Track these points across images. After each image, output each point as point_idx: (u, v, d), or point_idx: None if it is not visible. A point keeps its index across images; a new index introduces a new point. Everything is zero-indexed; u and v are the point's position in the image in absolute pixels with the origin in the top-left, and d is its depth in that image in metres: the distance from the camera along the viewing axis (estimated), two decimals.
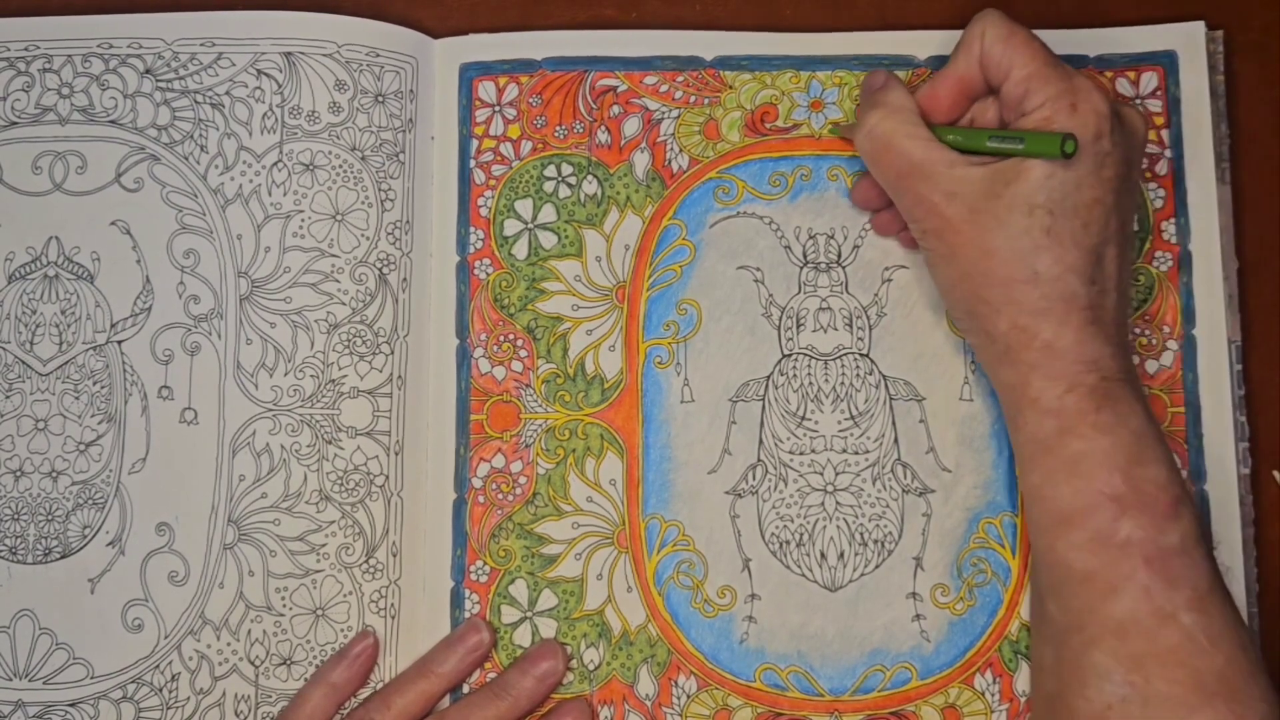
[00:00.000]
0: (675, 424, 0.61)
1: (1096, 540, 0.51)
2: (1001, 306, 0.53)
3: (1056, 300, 0.52)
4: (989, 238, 0.53)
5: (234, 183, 0.62)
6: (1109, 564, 0.51)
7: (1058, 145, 0.51)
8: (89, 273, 0.62)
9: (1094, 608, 0.51)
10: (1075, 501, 0.52)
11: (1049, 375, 0.53)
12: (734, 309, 0.62)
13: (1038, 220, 0.52)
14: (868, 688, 0.59)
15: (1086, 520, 0.52)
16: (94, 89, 0.63)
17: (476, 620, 0.60)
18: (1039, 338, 0.53)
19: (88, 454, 0.61)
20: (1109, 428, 0.52)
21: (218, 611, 0.59)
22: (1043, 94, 0.53)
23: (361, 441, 0.60)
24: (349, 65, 0.63)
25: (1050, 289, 0.52)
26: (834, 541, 0.60)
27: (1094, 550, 0.51)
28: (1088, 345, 0.52)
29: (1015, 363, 0.53)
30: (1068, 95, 0.53)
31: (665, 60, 0.64)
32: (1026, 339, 0.53)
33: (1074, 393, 0.52)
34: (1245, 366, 0.61)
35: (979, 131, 0.55)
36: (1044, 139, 0.52)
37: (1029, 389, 0.53)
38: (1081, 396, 0.52)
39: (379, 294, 0.62)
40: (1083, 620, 0.51)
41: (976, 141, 0.55)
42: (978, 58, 0.56)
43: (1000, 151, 0.53)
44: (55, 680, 0.59)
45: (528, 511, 0.61)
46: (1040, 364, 0.53)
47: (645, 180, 0.63)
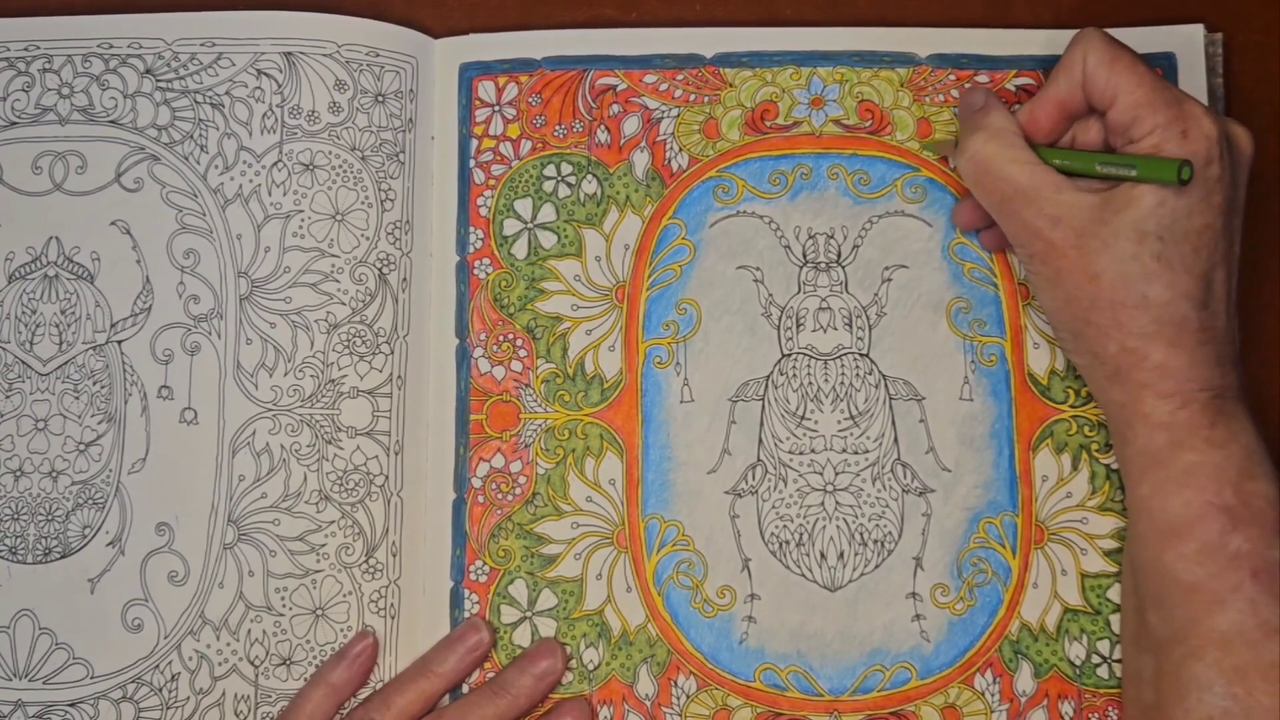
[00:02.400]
0: (675, 424, 0.61)
1: (1205, 552, 0.51)
2: (1110, 330, 0.53)
3: (1168, 324, 0.53)
4: (1096, 262, 0.53)
5: (234, 183, 0.62)
6: (1216, 575, 0.51)
7: (1174, 172, 0.51)
8: (89, 273, 0.62)
9: (1198, 619, 0.51)
10: (1185, 513, 0.52)
11: (1161, 393, 0.53)
12: (734, 308, 0.62)
13: (1148, 247, 0.52)
14: (867, 688, 0.59)
15: (1196, 531, 0.52)
16: (94, 89, 0.63)
17: (476, 620, 0.60)
18: (1150, 359, 0.53)
19: (88, 454, 0.61)
20: (1222, 442, 0.52)
21: (217, 611, 0.59)
22: (1152, 121, 0.53)
23: (361, 441, 0.60)
24: (349, 65, 0.63)
25: (1162, 313, 0.52)
26: (834, 541, 0.60)
27: (1202, 561, 0.51)
28: (1200, 366, 0.53)
29: (1126, 382, 0.54)
30: (1178, 122, 0.53)
31: (665, 59, 0.64)
32: (1137, 360, 0.53)
33: (1188, 408, 0.53)
34: (1244, 370, 0.61)
35: (1088, 155, 0.55)
36: (1159, 165, 0.52)
37: (1141, 405, 0.53)
38: (1195, 412, 0.53)
39: (379, 294, 0.62)
40: (1186, 632, 0.51)
41: (1086, 165, 0.55)
42: (1080, 81, 0.55)
43: (1110, 176, 0.53)
44: (55, 680, 0.59)
45: (527, 511, 0.61)
46: (1153, 383, 0.53)
47: (645, 179, 0.63)
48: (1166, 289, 0.52)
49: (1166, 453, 0.53)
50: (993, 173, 0.56)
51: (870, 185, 0.63)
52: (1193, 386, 0.53)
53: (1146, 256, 0.52)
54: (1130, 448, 0.54)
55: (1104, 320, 0.53)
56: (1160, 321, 0.52)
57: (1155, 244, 0.52)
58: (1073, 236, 0.53)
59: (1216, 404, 0.53)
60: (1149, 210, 0.52)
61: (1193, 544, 0.52)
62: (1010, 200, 0.55)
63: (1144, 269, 0.52)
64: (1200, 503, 0.52)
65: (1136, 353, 0.53)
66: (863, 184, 0.63)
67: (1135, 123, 0.54)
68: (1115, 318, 0.53)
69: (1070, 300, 0.54)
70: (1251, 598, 0.51)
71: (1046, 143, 0.57)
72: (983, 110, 0.58)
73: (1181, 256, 0.52)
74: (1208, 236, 0.53)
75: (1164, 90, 0.54)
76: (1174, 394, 0.53)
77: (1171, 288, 0.52)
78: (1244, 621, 0.50)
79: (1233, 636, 0.50)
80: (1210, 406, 0.53)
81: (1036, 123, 0.57)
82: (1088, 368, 0.56)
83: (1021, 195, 0.55)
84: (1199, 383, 0.53)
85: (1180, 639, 0.52)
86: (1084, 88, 0.55)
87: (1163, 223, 0.52)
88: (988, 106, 0.58)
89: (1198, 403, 0.53)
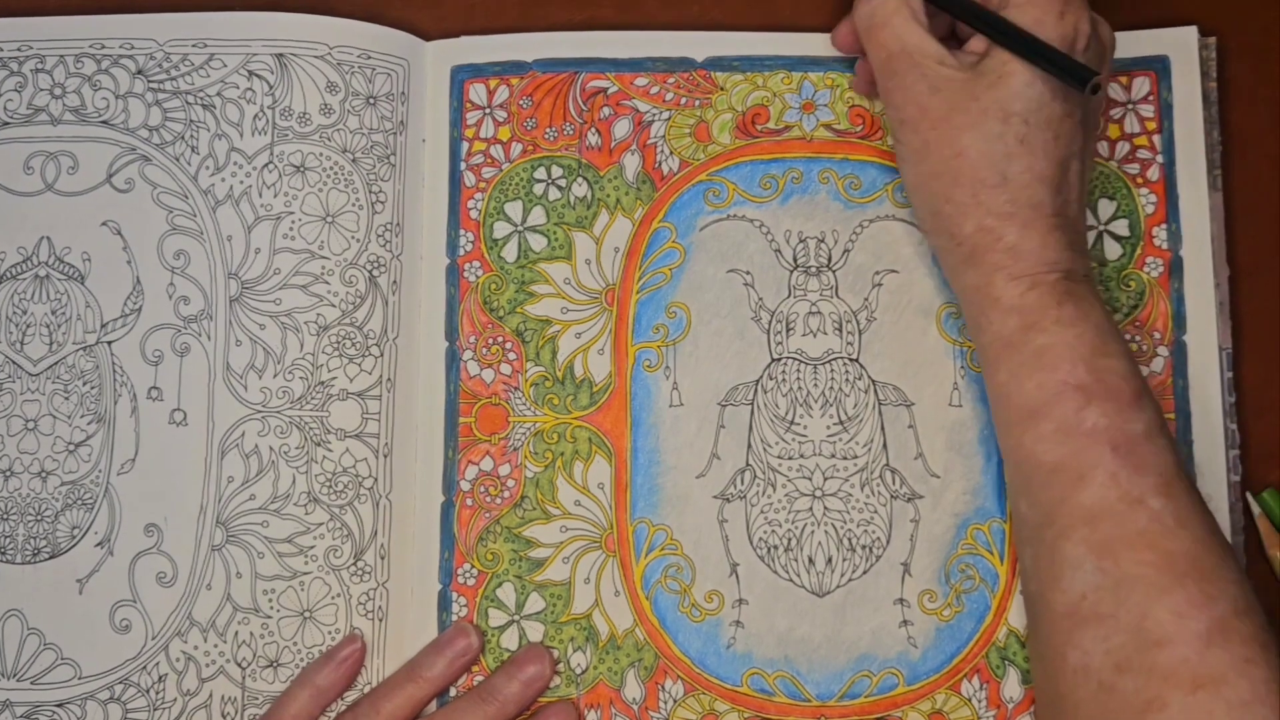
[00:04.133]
0: (664, 428, 0.61)
1: (1063, 430, 0.52)
2: (969, 208, 0.54)
3: (1024, 206, 0.53)
4: (962, 138, 0.54)
5: (225, 184, 0.62)
6: (1076, 453, 0.51)
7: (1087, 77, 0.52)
8: (80, 273, 0.62)
9: (1064, 498, 0.51)
10: (1041, 394, 0.52)
11: (1013, 275, 0.54)
12: (723, 312, 0.62)
13: (1013, 128, 0.53)
14: (854, 693, 0.59)
15: (1053, 411, 0.52)
16: (86, 89, 0.63)
17: (464, 624, 0.60)
18: (1004, 240, 0.54)
19: (77, 454, 0.61)
20: (1072, 321, 0.53)
21: (205, 613, 0.59)
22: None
23: (350, 444, 0.61)
24: (340, 67, 0.63)
25: (1019, 194, 0.53)
26: (822, 547, 0.60)
27: (1061, 440, 0.52)
28: (1051, 249, 0.54)
29: (980, 264, 0.54)
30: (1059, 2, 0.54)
31: (656, 61, 0.64)
32: (991, 240, 0.54)
33: (1036, 290, 0.53)
34: (1236, 374, 0.61)
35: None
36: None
37: (992, 289, 0.54)
38: (1044, 293, 0.53)
39: (369, 296, 0.62)
40: (1053, 513, 0.52)
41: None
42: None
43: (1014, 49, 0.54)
44: (43, 680, 0.59)
45: (516, 515, 0.61)
46: (1005, 265, 0.54)
47: (635, 183, 0.63)
48: (1025, 170, 0.53)
49: (1019, 336, 0.53)
50: (887, 27, 0.56)
51: (861, 190, 0.63)
52: (1042, 269, 0.53)
53: (1010, 137, 0.53)
54: (985, 335, 0.55)
55: (964, 197, 0.54)
56: (1016, 203, 0.53)
57: (1020, 125, 0.53)
58: (944, 108, 0.54)
59: (1064, 285, 0.53)
60: (1017, 91, 0.53)
61: (1050, 424, 0.52)
62: (896, 58, 0.56)
63: (1006, 149, 0.53)
64: (1054, 382, 0.52)
65: (992, 232, 0.54)
66: (854, 188, 0.63)
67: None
68: (975, 195, 0.54)
69: (935, 175, 0.55)
70: (1113, 471, 0.51)
71: None
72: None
73: (1043, 142, 0.54)
74: (1068, 125, 0.54)
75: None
76: (1023, 275, 0.53)
77: (1030, 170, 0.53)
78: (1107, 495, 0.51)
79: (1098, 511, 0.51)
80: (1058, 287, 0.53)
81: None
82: (945, 250, 0.56)
83: (907, 56, 0.55)
84: (1048, 265, 0.53)
85: (1049, 521, 0.52)
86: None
87: (1029, 105, 0.53)
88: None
89: (1045, 284, 0.53)
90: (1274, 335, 0.62)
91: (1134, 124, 0.63)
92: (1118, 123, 0.63)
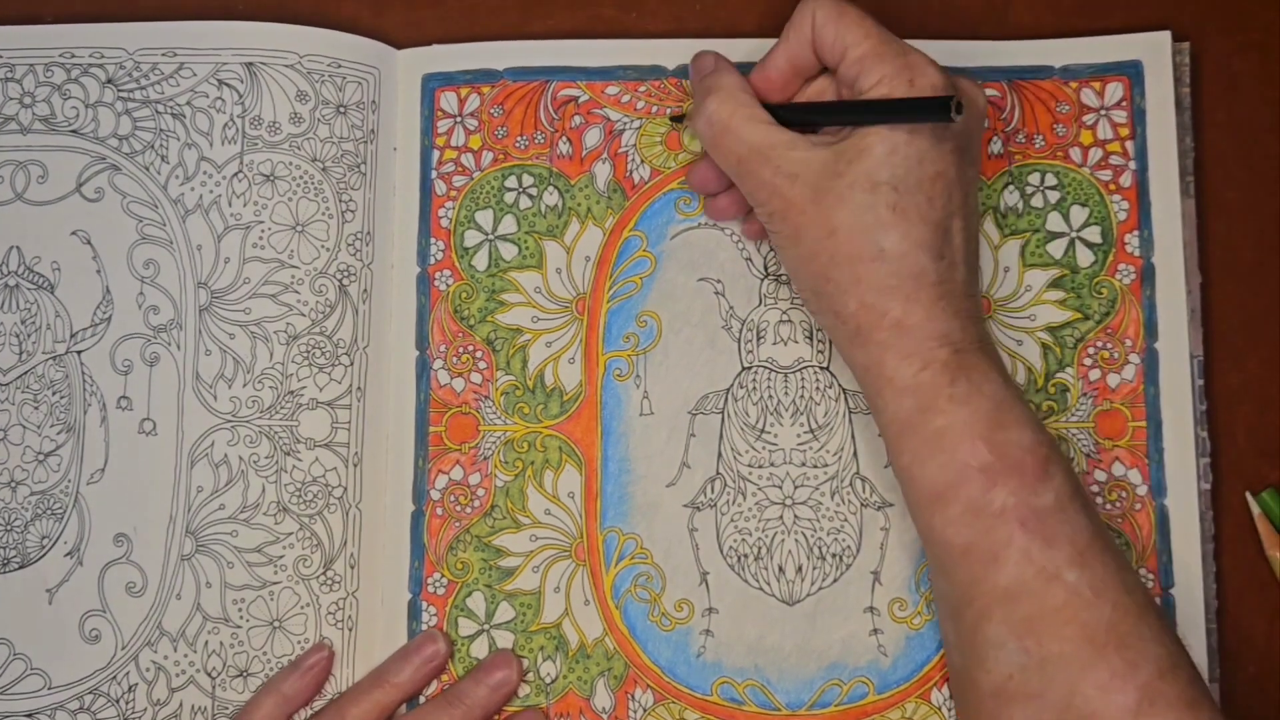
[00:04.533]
0: (634, 436, 0.61)
1: (970, 512, 0.51)
2: (849, 286, 0.53)
3: (906, 277, 0.52)
4: (833, 217, 0.52)
5: (194, 193, 0.62)
6: (985, 533, 0.51)
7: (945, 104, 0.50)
8: (49, 282, 0.62)
9: (979, 579, 0.51)
10: (943, 476, 0.51)
11: (902, 354, 0.52)
12: (694, 321, 0.62)
13: (882, 197, 0.52)
14: (825, 702, 0.59)
15: (958, 493, 0.51)
16: (55, 98, 0.63)
17: (433, 631, 0.60)
18: (888, 316, 0.52)
19: (46, 464, 0.61)
20: (965, 398, 0.52)
21: (175, 623, 0.59)
22: (879, 71, 0.53)
23: (320, 453, 0.60)
24: (311, 76, 0.63)
25: (899, 266, 0.52)
26: (792, 555, 0.60)
27: (970, 522, 0.51)
28: (938, 320, 0.52)
29: (867, 343, 0.53)
30: (905, 72, 0.53)
31: (627, 70, 0.63)
32: (876, 318, 0.52)
33: (929, 369, 0.52)
34: (1207, 381, 0.61)
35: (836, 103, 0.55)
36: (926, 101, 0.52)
37: (884, 369, 0.53)
38: (936, 372, 0.52)
39: (339, 305, 0.61)
40: (971, 593, 0.51)
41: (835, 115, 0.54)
42: (809, 39, 0.55)
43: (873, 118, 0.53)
44: (12, 690, 0.59)
45: (486, 524, 0.61)
46: (892, 343, 0.52)
47: (606, 191, 0.63)
48: (902, 239, 0.52)
49: (917, 418, 0.52)
50: (730, 133, 0.55)
51: None
52: (932, 344, 0.52)
53: (881, 206, 0.52)
54: (883, 416, 0.54)
55: (843, 276, 0.53)
56: (899, 275, 0.52)
57: (889, 193, 0.52)
58: (809, 192, 0.53)
59: (956, 360, 0.52)
60: (881, 159, 0.52)
61: (957, 506, 0.51)
62: (746, 160, 0.55)
63: (879, 219, 0.52)
64: (956, 464, 0.51)
65: (875, 309, 0.52)
66: None
67: (863, 74, 0.53)
68: (854, 272, 0.52)
69: (810, 257, 0.53)
70: (1024, 548, 0.50)
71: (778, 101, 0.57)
72: (714, 73, 0.58)
73: (916, 205, 0.52)
74: (940, 185, 0.52)
75: (891, 43, 0.54)
76: (913, 354, 0.52)
77: (907, 238, 0.52)
78: (1022, 573, 0.50)
79: (1015, 590, 0.50)
80: (950, 363, 0.52)
81: (769, 82, 0.57)
82: (831, 329, 0.55)
83: (757, 154, 0.54)
84: (937, 339, 0.52)
85: (968, 601, 0.51)
86: (813, 44, 0.55)
87: (895, 171, 0.52)
88: (719, 69, 0.58)
89: (938, 362, 0.52)
90: (1245, 342, 0.61)
91: (1107, 130, 0.62)
92: (1090, 129, 0.62)
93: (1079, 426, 0.60)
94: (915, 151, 0.52)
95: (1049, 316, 0.61)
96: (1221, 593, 0.59)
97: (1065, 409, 0.60)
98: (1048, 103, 0.63)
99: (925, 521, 0.53)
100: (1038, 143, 0.62)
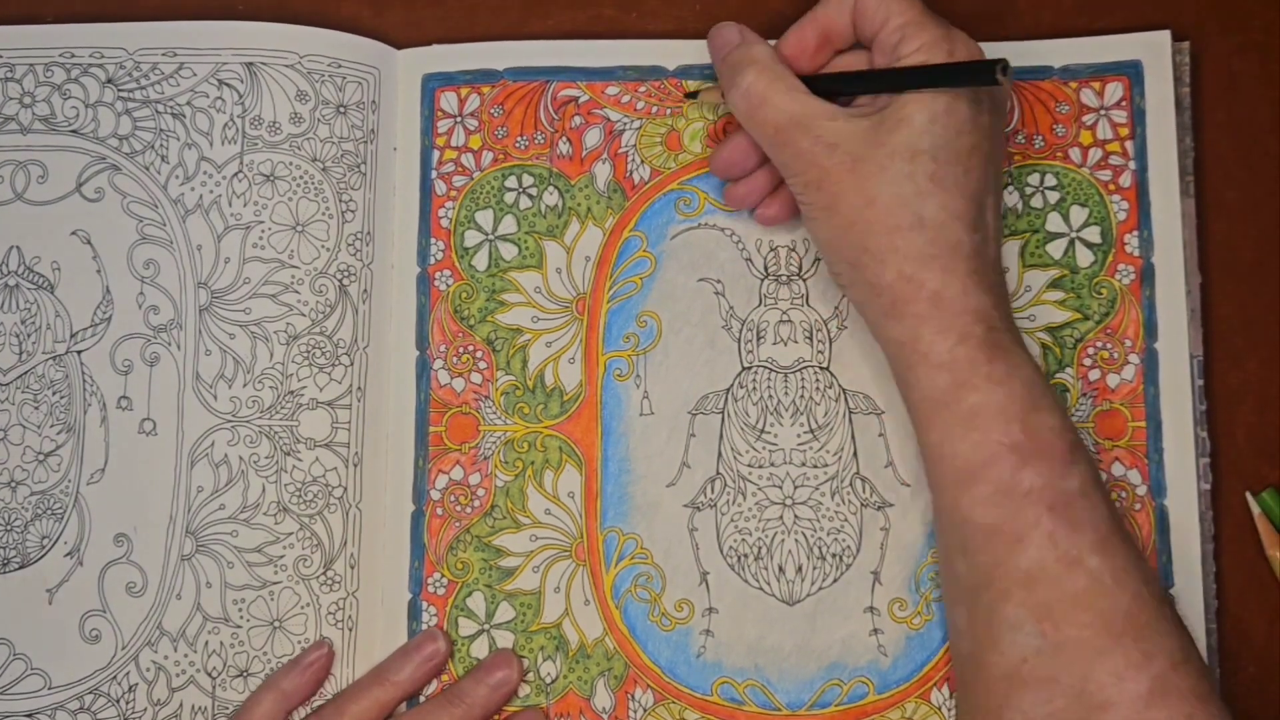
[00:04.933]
0: (634, 436, 0.61)
1: (1000, 492, 0.51)
2: (886, 256, 0.53)
3: (943, 247, 0.52)
4: (871, 185, 0.53)
5: (194, 193, 0.62)
6: (1013, 514, 0.51)
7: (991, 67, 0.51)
8: (49, 282, 0.62)
9: (1001, 560, 0.51)
10: (975, 455, 0.51)
11: (939, 328, 0.52)
12: (694, 321, 0.62)
13: (922, 166, 0.52)
14: (825, 702, 0.59)
15: (989, 473, 0.51)
16: (55, 98, 0.63)
17: (433, 629, 0.60)
18: (926, 287, 0.52)
19: (46, 464, 0.61)
20: (1003, 378, 0.52)
21: (175, 623, 0.59)
22: (919, 39, 0.54)
23: (320, 453, 0.60)
24: (311, 76, 0.63)
25: (937, 235, 0.52)
26: (792, 555, 0.60)
27: (998, 502, 0.51)
28: (973, 295, 0.52)
29: (903, 315, 0.53)
30: (945, 41, 0.54)
31: (627, 70, 0.63)
32: (913, 289, 0.52)
33: (965, 345, 0.52)
34: (1207, 381, 0.61)
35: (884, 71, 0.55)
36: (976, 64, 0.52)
37: (919, 343, 0.53)
38: (973, 348, 0.52)
39: (339, 305, 0.61)
40: (991, 575, 0.51)
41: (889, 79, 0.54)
42: (850, 6, 0.56)
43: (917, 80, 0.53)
44: (12, 690, 0.59)
45: (486, 524, 0.61)
46: (929, 316, 0.52)
47: (606, 192, 0.63)
48: (940, 209, 0.52)
49: (951, 395, 0.52)
50: (768, 104, 0.55)
51: None
52: (968, 319, 0.52)
53: (920, 176, 0.52)
54: (915, 393, 0.53)
55: (880, 245, 0.53)
56: (936, 244, 0.52)
57: (929, 163, 0.52)
58: (848, 161, 0.53)
59: (993, 338, 0.52)
60: (922, 128, 0.52)
61: (986, 486, 0.51)
62: (785, 129, 0.55)
63: (918, 188, 0.52)
64: (989, 444, 0.51)
65: (913, 280, 0.52)
66: None
67: (904, 40, 0.54)
68: (891, 242, 0.53)
69: (848, 227, 0.54)
70: (1050, 532, 0.50)
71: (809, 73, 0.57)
72: (743, 45, 0.58)
73: (954, 177, 0.53)
74: (977, 158, 0.53)
75: (932, 15, 0.55)
76: (949, 328, 0.52)
77: (945, 208, 0.52)
78: (1044, 557, 0.50)
79: (1036, 573, 0.50)
80: (987, 341, 0.52)
81: (802, 48, 0.57)
82: (866, 304, 0.55)
83: (797, 124, 0.55)
84: (973, 314, 0.52)
85: (987, 583, 0.51)
86: (854, 12, 0.56)
87: (936, 141, 0.52)
88: (746, 40, 0.58)
89: (974, 338, 0.52)
90: (1245, 342, 0.61)
91: (1106, 130, 0.62)
92: (1090, 129, 0.62)
93: (1079, 427, 0.60)
94: (955, 122, 0.53)
95: (1049, 317, 0.61)
96: (1221, 593, 0.59)
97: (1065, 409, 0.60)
98: (1047, 103, 0.63)
99: (951, 500, 0.52)
100: (1037, 143, 0.62)
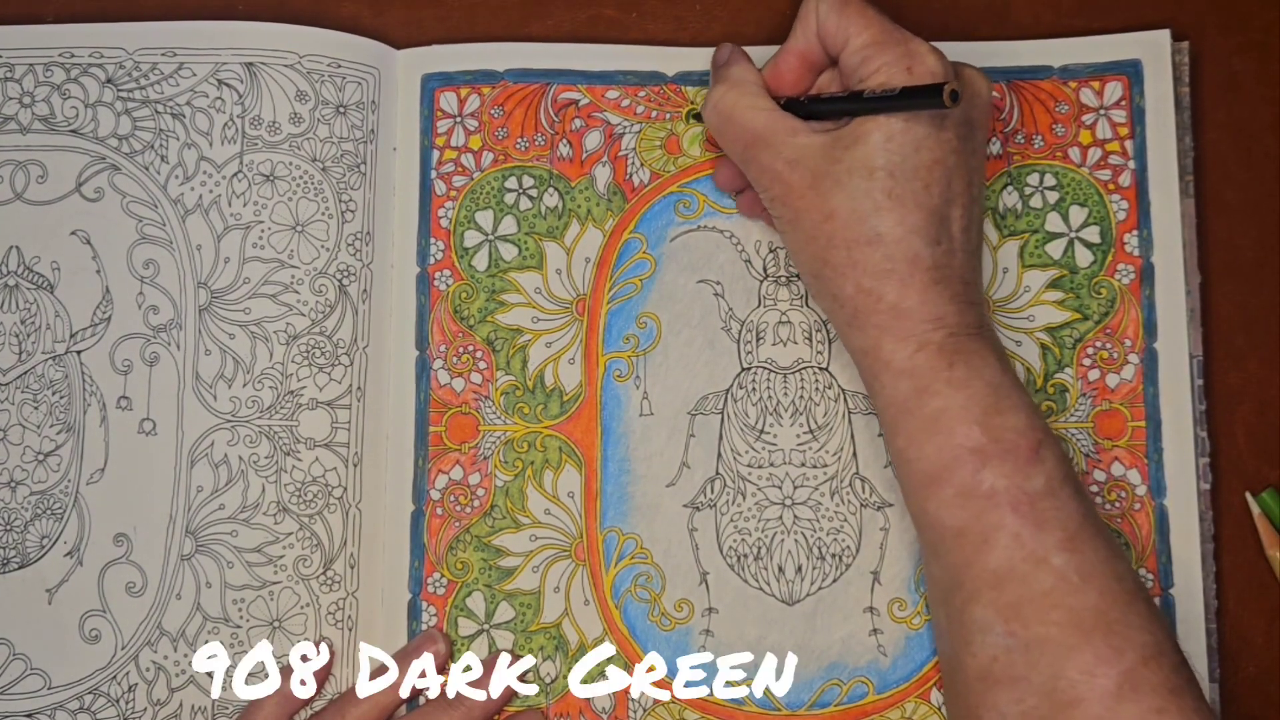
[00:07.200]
0: (634, 437, 0.61)
1: (963, 494, 0.51)
2: (845, 269, 0.54)
3: (900, 261, 0.53)
4: (830, 201, 0.53)
5: (194, 193, 0.62)
6: (978, 516, 0.51)
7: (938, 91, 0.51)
8: (49, 282, 0.62)
9: (969, 562, 0.51)
10: (938, 459, 0.52)
11: (898, 336, 0.53)
12: (694, 322, 0.62)
13: (878, 182, 0.53)
14: (824, 702, 0.59)
15: (951, 475, 0.52)
16: (55, 98, 0.63)
17: (433, 631, 0.60)
18: (884, 299, 0.53)
19: (46, 464, 0.61)
20: (963, 382, 0.52)
21: (175, 623, 0.59)
22: (878, 60, 0.54)
23: (320, 453, 0.60)
24: (310, 76, 0.63)
25: (894, 249, 0.53)
26: (792, 555, 0.60)
27: (962, 504, 0.51)
28: (932, 305, 0.53)
29: (864, 326, 0.54)
30: (904, 59, 0.54)
31: (627, 75, 0.64)
32: (872, 301, 0.53)
33: (924, 351, 0.53)
34: (1207, 381, 0.61)
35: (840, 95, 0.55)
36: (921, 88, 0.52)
37: (881, 352, 0.53)
38: (932, 354, 0.53)
39: (339, 305, 0.61)
40: (960, 576, 0.52)
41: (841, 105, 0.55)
42: (815, 31, 0.56)
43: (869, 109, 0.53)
44: (12, 690, 0.59)
45: (485, 524, 0.61)
46: (889, 326, 0.53)
47: (606, 194, 0.63)
48: (897, 224, 0.53)
49: (913, 401, 0.53)
50: (734, 120, 0.57)
51: None
52: (926, 327, 0.53)
53: (877, 192, 0.53)
54: (879, 399, 0.54)
55: (840, 259, 0.54)
56: (892, 258, 0.53)
57: (885, 179, 0.53)
58: (809, 177, 0.54)
59: (953, 343, 0.53)
60: (877, 145, 0.53)
61: (950, 489, 0.52)
62: (750, 146, 0.56)
63: (875, 204, 0.53)
64: (951, 447, 0.52)
65: (871, 293, 0.53)
66: None
67: (864, 62, 0.54)
68: (850, 256, 0.53)
69: (809, 240, 0.54)
70: (1015, 532, 0.51)
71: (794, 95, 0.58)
72: (726, 64, 0.59)
73: (912, 192, 0.53)
74: (938, 172, 0.53)
75: (892, 31, 0.55)
76: (909, 336, 0.53)
77: (902, 223, 0.53)
78: (1011, 557, 0.50)
79: (1003, 574, 0.51)
80: (946, 346, 0.53)
81: (780, 76, 0.58)
82: (831, 312, 0.56)
83: (760, 140, 0.56)
84: (931, 322, 0.53)
85: (957, 585, 0.52)
86: (818, 36, 0.56)
87: (892, 158, 0.53)
88: (731, 59, 0.59)
89: (933, 344, 0.53)
90: (1245, 342, 0.61)
91: (1106, 129, 0.62)
92: (1089, 129, 0.62)
93: (1078, 427, 0.60)
94: (912, 139, 0.53)
95: (1048, 317, 0.61)
96: (1221, 593, 0.59)
97: (1064, 409, 0.61)
98: (1047, 103, 0.63)
99: (919, 504, 0.53)
100: (1036, 143, 0.62)
